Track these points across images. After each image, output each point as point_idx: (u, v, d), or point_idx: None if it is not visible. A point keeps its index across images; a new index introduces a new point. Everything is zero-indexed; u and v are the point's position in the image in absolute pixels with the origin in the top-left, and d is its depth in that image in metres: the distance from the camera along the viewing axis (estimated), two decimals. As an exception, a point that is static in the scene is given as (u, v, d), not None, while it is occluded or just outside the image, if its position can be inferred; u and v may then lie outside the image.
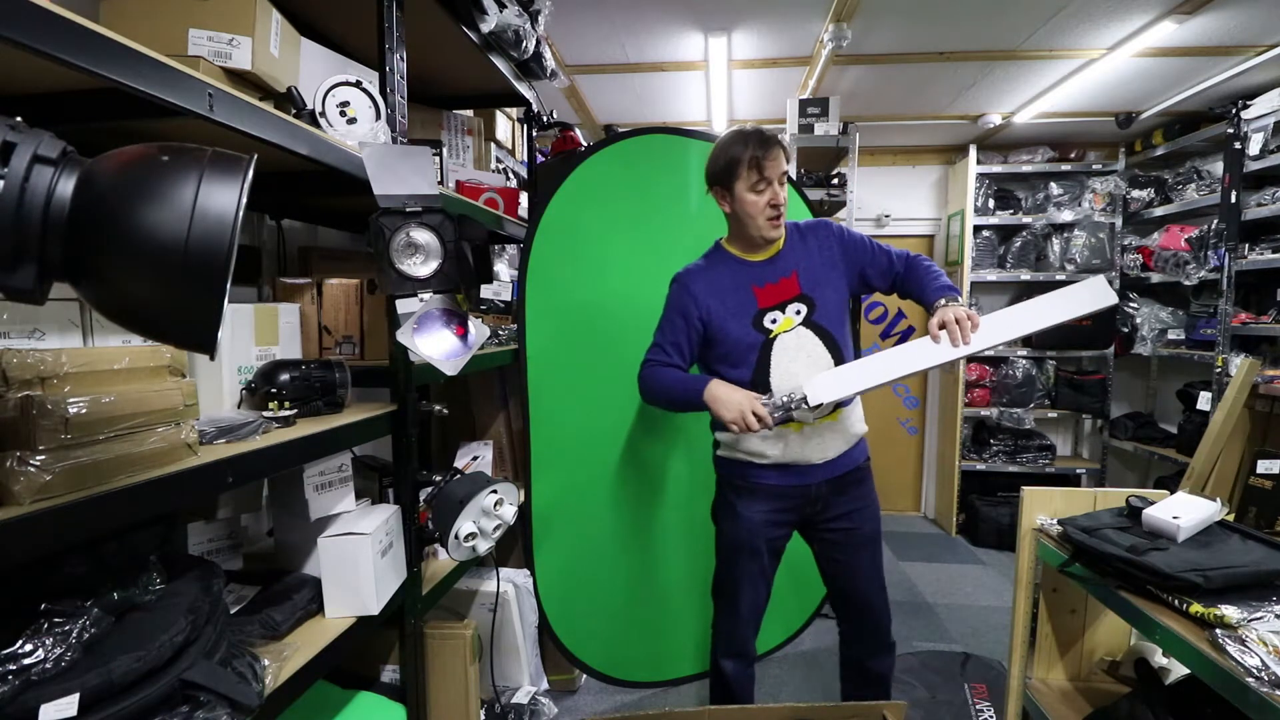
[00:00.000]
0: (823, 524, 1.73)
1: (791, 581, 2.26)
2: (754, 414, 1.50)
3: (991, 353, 4.14)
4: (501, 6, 1.76)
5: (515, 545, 2.28)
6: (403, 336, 1.22)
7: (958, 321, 1.47)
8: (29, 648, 0.72)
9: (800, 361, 1.62)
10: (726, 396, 1.54)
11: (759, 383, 1.62)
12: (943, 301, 1.54)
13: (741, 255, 1.70)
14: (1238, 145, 3.18)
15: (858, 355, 1.77)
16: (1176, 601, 1.24)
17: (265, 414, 1.15)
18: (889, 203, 4.52)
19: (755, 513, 1.70)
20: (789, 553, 1.81)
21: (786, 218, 1.65)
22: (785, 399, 1.52)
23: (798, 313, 1.64)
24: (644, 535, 2.25)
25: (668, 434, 2.25)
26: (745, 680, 1.82)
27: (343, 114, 1.30)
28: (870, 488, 1.75)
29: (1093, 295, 1.49)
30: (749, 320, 1.64)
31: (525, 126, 2.60)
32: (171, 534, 1.17)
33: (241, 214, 0.58)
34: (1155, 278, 3.79)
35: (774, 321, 1.64)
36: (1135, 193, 3.97)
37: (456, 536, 1.40)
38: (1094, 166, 4.08)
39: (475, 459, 2.18)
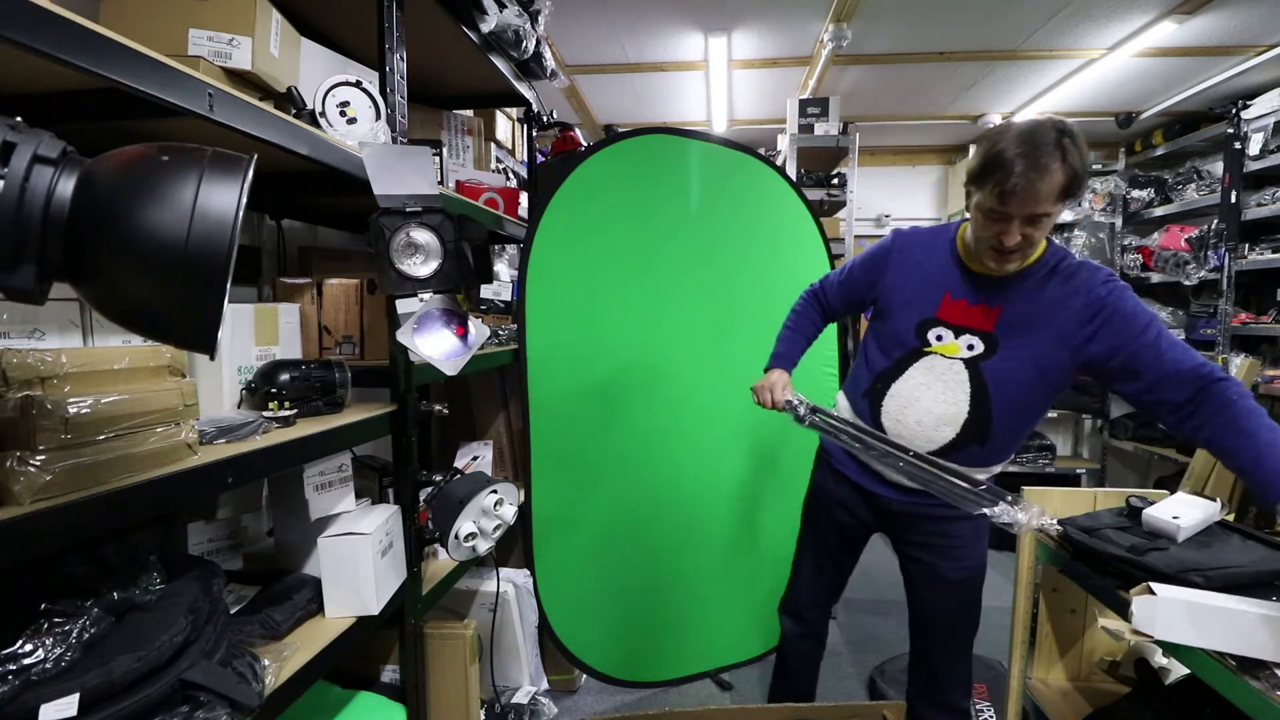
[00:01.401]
0: (902, 545, 1.60)
1: (791, 581, 2.26)
2: (771, 394, 1.56)
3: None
4: (501, 6, 1.75)
5: (515, 545, 2.28)
6: (403, 336, 1.22)
7: None
8: (29, 648, 0.72)
9: (932, 391, 1.41)
10: (764, 383, 1.61)
11: (879, 384, 1.48)
12: None
13: (964, 255, 1.42)
14: (1238, 145, 3.18)
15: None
16: (1177, 601, 1.23)
17: (265, 414, 1.15)
18: (889, 203, 4.52)
19: (831, 492, 1.65)
20: (785, 547, 1.81)
21: (1029, 255, 1.31)
22: (808, 409, 1.53)
23: (969, 347, 1.38)
24: (644, 535, 2.25)
25: (669, 432, 2.25)
26: (799, 644, 1.80)
27: (343, 114, 1.30)
28: (969, 530, 1.52)
29: None
30: (916, 320, 1.43)
31: (525, 126, 2.60)
32: (171, 534, 1.17)
33: (241, 214, 0.58)
34: (1155, 278, 3.79)
35: (938, 339, 1.41)
36: (1135, 193, 3.97)
37: (456, 536, 1.40)
38: (1094, 166, 4.08)
39: (475, 459, 2.18)
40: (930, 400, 1.42)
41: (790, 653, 1.81)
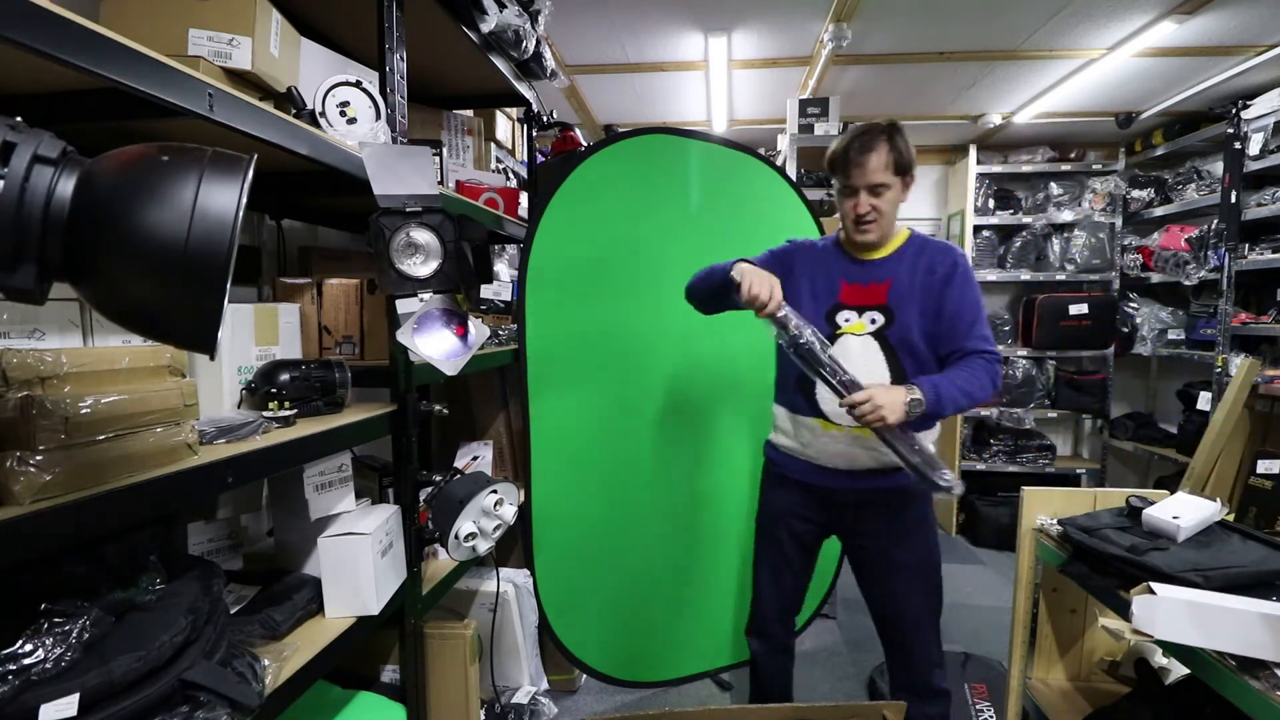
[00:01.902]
0: (852, 537, 1.69)
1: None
2: (770, 294, 1.45)
3: (991, 353, 4.15)
4: (501, 6, 1.75)
5: (515, 545, 2.28)
6: (403, 336, 1.22)
7: (872, 412, 1.38)
8: (29, 648, 0.72)
9: (853, 366, 1.54)
10: (754, 271, 1.50)
11: (806, 375, 1.57)
12: (907, 389, 1.43)
13: (847, 249, 1.66)
14: (1238, 145, 3.18)
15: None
16: (1177, 601, 1.23)
17: (265, 414, 1.15)
18: (889, 203, 4.52)
19: (780, 501, 1.73)
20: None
21: (886, 227, 1.58)
22: (802, 330, 1.45)
23: (872, 321, 1.59)
24: (644, 535, 2.25)
25: (669, 433, 2.25)
26: (769, 662, 1.83)
27: (343, 114, 1.30)
28: (917, 515, 1.63)
29: None
30: (824, 310, 1.62)
31: (525, 126, 2.60)
32: (171, 534, 1.17)
33: (241, 214, 0.58)
34: (1155, 278, 3.79)
35: (846, 320, 1.61)
36: (1135, 193, 3.97)
37: (456, 536, 1.40)
38: (1094, 166, 4.08)
39: (475, 459, 2.18)
40: (856, 376, 1.55)
41: (763, 670, 1.84)
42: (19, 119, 0.55)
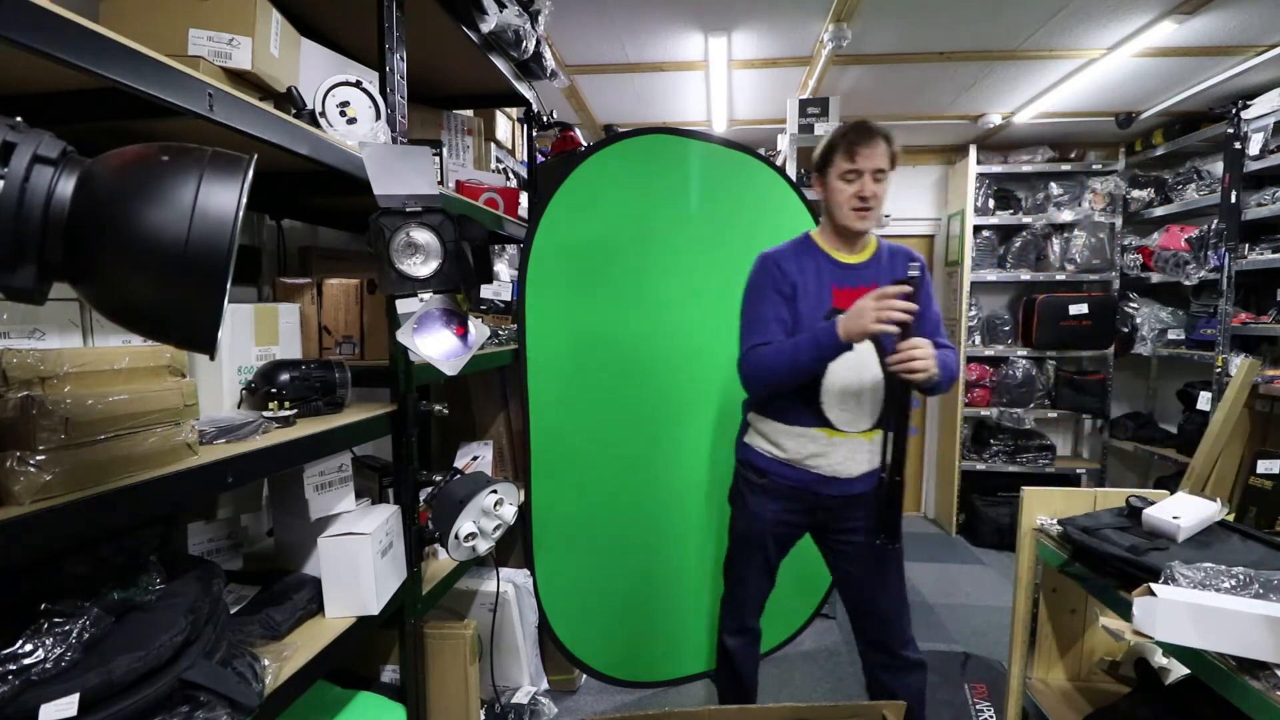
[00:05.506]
0: (837, 533, 1.72)
1: (793, 580, 2.26)
2: (899, 310, 1.40)
3: (992, 352, 4.15)
4: (501, 6, 1.76)
5: (515, 545, 2.28)
6: (403, 336, 1.22)
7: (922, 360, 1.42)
8: (29, 648, 0.72)
9: (848, 365, 1.59)
10: (860, 307, 1.43)
11: (810, 381, 1.60)
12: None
13: (829, 251, 1.67)
14: (1238, 145, 3.18)
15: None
16: (1176, 601, 1.23)
17: (265, 414, 1.15)
18: (889, 203, 4.49)
19: (766, 510, 1.72)
20: (792, 551, 1.82)
21: (877, 218, 1.63)
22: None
23: None
24: (644, 534, 2.25)
25: (669, 432, 2.25)
26: (747, 654, 1.88)
27: (343, 114, 1.30)
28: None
29: None
30: (821, 314, 1.63)
31: (525, 126, 2.60)
32: (171, 534, 1.17)
33: (242, 214, 0.58)
34: (1155, 278, 3.79)
35: None
36: (1135, 193, 3.97)
37: (456, 536, 1.40)
38: (1094, 166, 4.07)
39: (475, 459, 2.18)
40: (855, 375, 1.60)
41: (741, 663, 1.88)
42: (19, 119, 0.55)
